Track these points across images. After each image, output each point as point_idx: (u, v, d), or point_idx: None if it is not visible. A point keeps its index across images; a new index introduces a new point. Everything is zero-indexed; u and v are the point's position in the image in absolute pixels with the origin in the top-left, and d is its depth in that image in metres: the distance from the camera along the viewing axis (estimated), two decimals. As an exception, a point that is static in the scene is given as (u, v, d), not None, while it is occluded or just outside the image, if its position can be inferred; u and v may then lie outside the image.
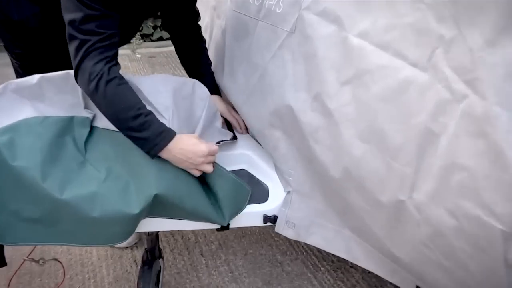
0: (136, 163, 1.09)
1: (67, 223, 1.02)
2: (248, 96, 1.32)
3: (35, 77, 1.15)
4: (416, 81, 0.83)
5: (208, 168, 1.10)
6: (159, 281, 1.41)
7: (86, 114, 1.17)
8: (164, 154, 1.05)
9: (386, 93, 0.89)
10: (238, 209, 1.18)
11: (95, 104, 1.09)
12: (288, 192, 1.23)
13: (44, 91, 1.15)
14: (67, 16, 1.03)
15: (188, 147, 1.05)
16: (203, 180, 1.16)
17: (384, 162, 0.93)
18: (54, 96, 1.16)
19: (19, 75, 1.44)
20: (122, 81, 1.06)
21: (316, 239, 1.23)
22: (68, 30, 1.03)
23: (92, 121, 1.18)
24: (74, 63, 1.04)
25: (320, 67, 1.03)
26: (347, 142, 0.99)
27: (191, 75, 1.48)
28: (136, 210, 1.02)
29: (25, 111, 1.11)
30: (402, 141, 0.88)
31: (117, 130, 1.11)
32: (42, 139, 1.06)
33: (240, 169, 1.33)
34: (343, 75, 0.98)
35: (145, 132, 1.03)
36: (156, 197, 1.03)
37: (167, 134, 1.05)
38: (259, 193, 1.26)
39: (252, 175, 1.32)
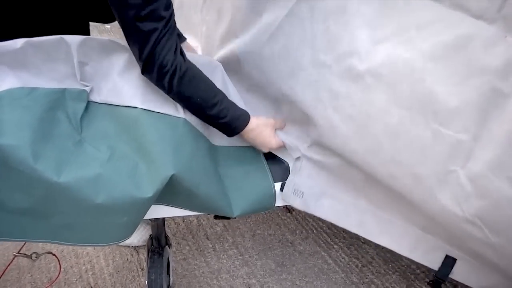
0: (145, 141, 0.94)
1: (64, 215, 0.88)
2: (254, 59, 1.18)
3: (19, 41, 0.94)
4: (480, 35, 0.73)
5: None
6: (169, 269, 1.30)
7: (81, 86, 0.99)
8: (241, 135, 1.05)
9: (438, 50, 0.78)
10: (252, 209, 1.07)
11: (169, 96, 0.98)
12: (298, 158, 1.12)
13: (30, 58, 0.95)
14: (122, 12, 0.87)
15: (260, 138, 1.07)
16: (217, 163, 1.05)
17: (429, 130, 0.83)
18: (42, 64, 0.97)
19: None
20: (193, 71, 0.96)
21: (326, 212, 1.12)
22: (127, 18, 0.88)
23: (88, 94, 1.01)
24: (141, 57, 0.91)
25: (350, 24, 0.91)
26: (380, 108, 0.88)
27: None
28: (149, 193, 0.88)
29: (6, 81, 0.92)
30: (457, 105, 0.78)
31: (118, 104, 0.97)
32: (31, 113, 0.88)
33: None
34: (378, 32, 0.86)
35: (224, 119, 0.99)
36: (172, 178, 0.89)
37: (244, 117, 1.03)
38: (279, 171, 1.15)
39: (270, 152, 1.21)
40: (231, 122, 1.00)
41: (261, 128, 1.06)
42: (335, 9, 0.94)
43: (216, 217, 1.10)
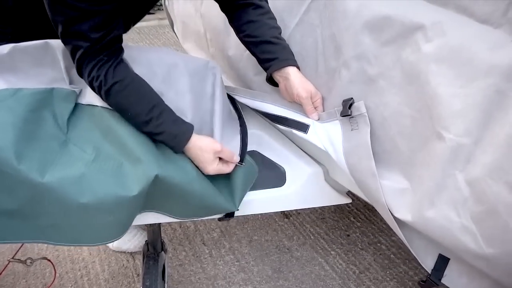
0: (131, 142, 0.93)
1: (51, 215, 0.87)
2: None
3: (6, 47, 0.96)
4: (485, 38, 0.73)
5: (226, 169, 1.01)
6: (164, 275, 1.28)
7: (71, 89, 0.99)
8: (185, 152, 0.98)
9: (442, 52, 0.78)
10: (245, 192, 1.05)
11: None
12: None
13: (17, 63, 0.96)
14: (54, 18, 0.88)
15: (198, 160, 0.98)
16: None
17: (434, 133, 0.82)
18: (30, 69, 0.97)
19: None
20: (123, 84, 0.93)
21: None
22: (58, 31, 0.89)
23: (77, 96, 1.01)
24: (75, 68, 0.94)
25: (352, 28, 0.91)
26: (394, 110, 0.88)
27: (250, 47, 1.10)
28: (134, 191, 0.87)
29: None
30: (460, 107, 0.77)
31: (104, 106, 0.97)
32: (14, 114, 0.88)
33: (251, 151, 1.20)
34: (383, 34, 0.87)
35: (161, 136, 0.95)
36: (159, 177, 0.89)
37: (182, 136, 0.96)
38: (275, 176, 1.14)
39: (265, 157, 1.20)
40: (167, 140, 0.95)
41: (199, 152, 0.97)
42: (336, 14, 0.94)
43: (220, 219, 1.08)
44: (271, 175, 1.14)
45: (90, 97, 0.98)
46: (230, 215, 1.06)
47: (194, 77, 1.04)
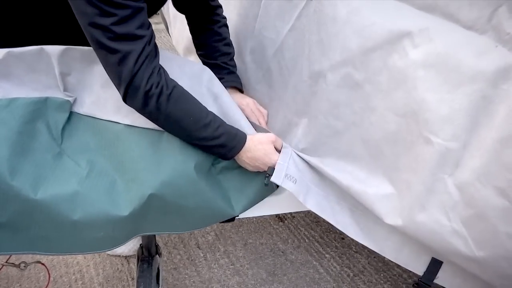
0: (126, 158, 0.94)
1: (42, 228, 0.87)
2: (263, 74, 1.19)
3: (1, 52, 0.94)
4: (471, 44, 0.74)
5: None
6: (159, 279, 1.29)
7: (65, 97, 0.98)
8: (239, 156, 0.97)
9: (429, 58, 0.79)
10: (253, 203, 1.05)
11: (156, 123, 0.93)
12: (286, 146, 1.06)
13: (12, 69, 0.95)
14: (97, 23, 0.81)
15: (259, 155, 0.97)
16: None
17: (421, 137, 0.83)
18: (25, 75, 0.96)
19: None
20: (180, 88, 0.91)
21: (313, 206, 1.03)
22: (97, 39, 0.82)
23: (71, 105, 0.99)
24: (122, 82, 0.86)
25: (341, 33, 0.92)
26: (380, 115, 0.89)
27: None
28: (125, 212, 0.88)
29: None
30: (448, 112, 0.78)
31: (101, 118, 0.97)
32: (8, 127, 0.87)
33: None
34: (371, 40, 0.88)
35: (221, 138, 0.93)
36: (152, 196, 0.89)
37: (241, 135, 0.96)
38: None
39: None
40: (227, 141, 0.93)
41: (260, 146, 0.96)
42: (325, 19, 0.95)
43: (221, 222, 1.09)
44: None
45: (91, 109, 0.98)
46: (231, 219, 1.07)
47: (192, 79, 1.03)
